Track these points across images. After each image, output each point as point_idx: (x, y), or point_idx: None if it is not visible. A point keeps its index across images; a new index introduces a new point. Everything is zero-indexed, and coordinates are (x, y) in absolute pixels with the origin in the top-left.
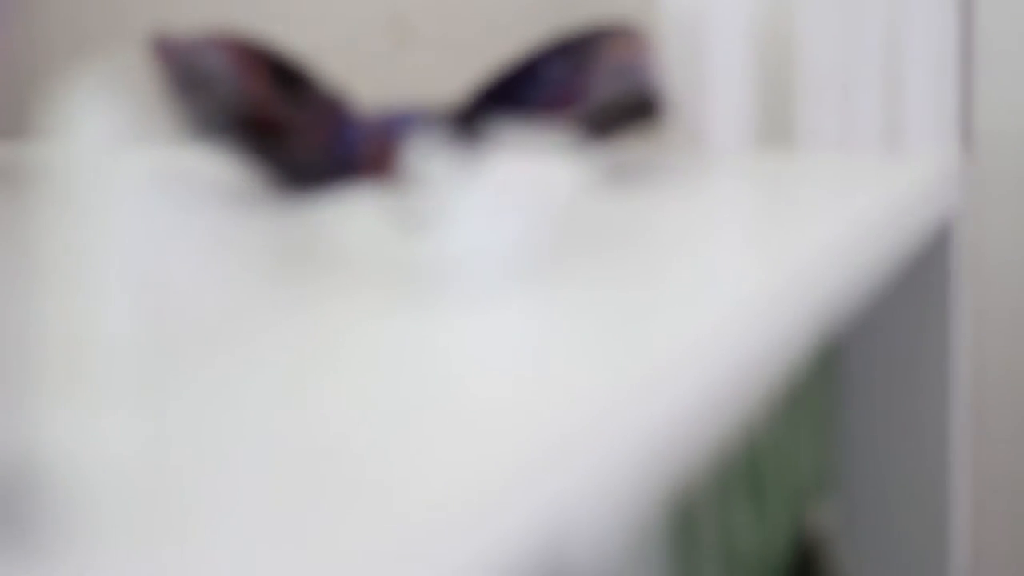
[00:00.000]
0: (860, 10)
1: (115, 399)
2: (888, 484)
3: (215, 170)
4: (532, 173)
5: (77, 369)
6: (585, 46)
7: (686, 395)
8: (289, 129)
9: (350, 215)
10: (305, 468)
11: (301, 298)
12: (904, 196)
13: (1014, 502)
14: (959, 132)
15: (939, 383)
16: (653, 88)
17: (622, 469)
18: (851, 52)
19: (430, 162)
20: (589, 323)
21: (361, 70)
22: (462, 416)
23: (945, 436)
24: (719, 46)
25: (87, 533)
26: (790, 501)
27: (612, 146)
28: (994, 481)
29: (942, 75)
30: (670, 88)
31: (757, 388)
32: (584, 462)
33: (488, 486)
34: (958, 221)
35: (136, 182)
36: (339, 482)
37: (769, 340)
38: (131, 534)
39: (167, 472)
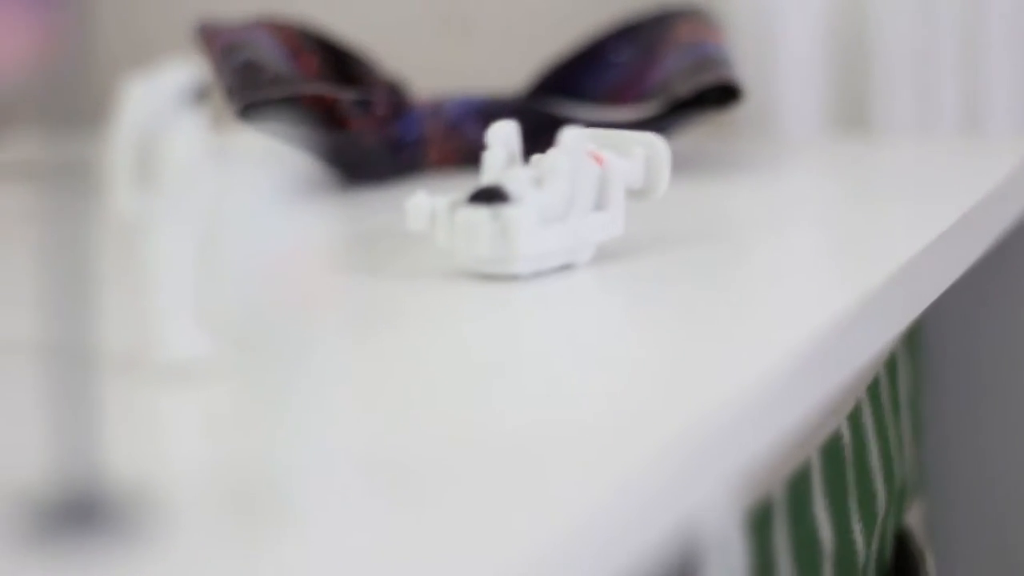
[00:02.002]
0: None
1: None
2: (980, 479)
3: (275, 156)
4: (605, 160)
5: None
6: (652, 29)
7: (785, 398)
8: (346, 113)
9: (416, 203)
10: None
11: (390, 295)
12: (990, 181)
13: None
14: None
15: None
16: (725, 70)
17: (728, 468)
18: (928, 33)
19: (498, 150)
20: (681, 324)
21: (419, 59)
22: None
23: None
24: (791, 28)
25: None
26: (882, 499)
27: (683, 132)
28: None
29: (1022, 56)
30: (741, 72)
31: (848, 385)
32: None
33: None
34: None
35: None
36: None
37: (863, 339)
38: (227, 534)
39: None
